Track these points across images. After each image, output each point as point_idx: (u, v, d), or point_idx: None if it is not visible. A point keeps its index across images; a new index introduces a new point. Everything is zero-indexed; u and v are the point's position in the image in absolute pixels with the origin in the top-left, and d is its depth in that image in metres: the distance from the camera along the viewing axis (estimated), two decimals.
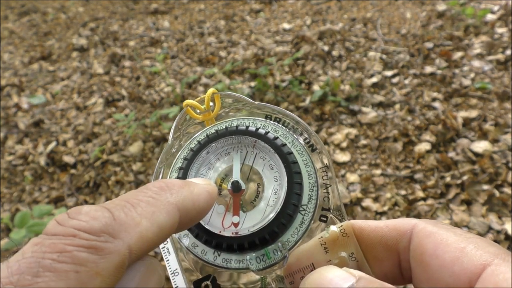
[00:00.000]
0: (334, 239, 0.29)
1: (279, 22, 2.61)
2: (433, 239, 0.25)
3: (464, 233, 0.25)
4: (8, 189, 1.70)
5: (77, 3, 3.45)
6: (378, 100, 1.72)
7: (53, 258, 0.18)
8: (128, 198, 0.22)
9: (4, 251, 1.33)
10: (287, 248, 0.30)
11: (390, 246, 0.28)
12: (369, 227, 0.29)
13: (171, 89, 2.04)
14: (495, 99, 1.62)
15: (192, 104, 0.35)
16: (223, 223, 0.31)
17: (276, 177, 0.32)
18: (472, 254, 0.23)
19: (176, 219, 0.23)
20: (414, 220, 0.27)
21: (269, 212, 0.31)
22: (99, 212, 0.20)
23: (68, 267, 0.18)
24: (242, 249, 0.30)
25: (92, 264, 0.18)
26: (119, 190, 1.57)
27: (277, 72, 1.99)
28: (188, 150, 0.34)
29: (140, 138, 1.75)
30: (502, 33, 1.98)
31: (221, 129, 0.34)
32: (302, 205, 0.31)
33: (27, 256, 0.18)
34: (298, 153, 0.32)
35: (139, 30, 2.82)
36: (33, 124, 2.01)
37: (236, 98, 0.36)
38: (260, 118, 0.35)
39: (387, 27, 2.28)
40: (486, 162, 1.35)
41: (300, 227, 0.31)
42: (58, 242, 0.18)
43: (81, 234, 0.19)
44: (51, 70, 2.50)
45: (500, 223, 1.19)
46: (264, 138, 0.33)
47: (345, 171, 1.45)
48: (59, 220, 0.20)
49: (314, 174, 0.32)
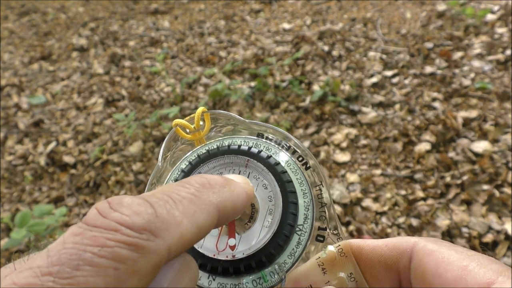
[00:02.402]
0: (332, 259, 0.29)
1: (279, 22, 2.61)
2: (434, 258, 0.25)
3: (466, 250, 0.25)
4: (8, 189, 1.70)
5: (77, 3, 3.45)
6: (378, 100, 1.72)
7: (94, 252, 0.17)
8: (170, 193, 0.21)
9: (4, 251, 1.33)
10: (284, 270, 0.29)
11: (390, 266, 0.28)
12: (367, 246, 0.29)
13: (171, 89, 2.04)
14: (495, 99, 1.62)
15: (181, 123, 0.34)
16: (217, 246, 0.30)
17: (270, 197, 0.31)
18: (475, 272, 0.23)
19: (215, 220, 0.23)
20: (414, 238, 0.27)
21: (264, 233, 0.30)
22: (142, 207, 0.20)
23: (108, 263, 0.17)
24: (238, 272, 0.29)
25: (131, 262, 0.18)
26: (119, 190, 1.57)
27: (277, 72, 1.99)
28: (179, 171, 0.33)
29: (140, 138, 1.75)
30: (502, 33, 1.98)
31: (212, 149, 0.33)
32: (298, 225, 0.30)
33: (68, 247, 0.18)
34: (292, 172, 0.32)
35: (139, 30, 2.82)
36: (33, 124, 2.01)
37: (227, 116, 0.36)
38: (252, 137, 0.34)
39: (387, 27, 2.28)
40: (486, 162, 1.35)
41: (297, 248, 0.30)
42: (100, 235, 0.18)
43: (123, 230, 0.18)
44: (51, 70, 2.50)
45: (500, 223, 1.19)
46: (257, 157, 0.32)
47: (345, 171, 1.45)
48: (100, 210, 0.19)
49: (309, 193, 0.31)
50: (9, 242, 1.29)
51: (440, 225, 1.21)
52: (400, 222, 1.25)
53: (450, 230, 1.20)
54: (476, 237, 1.17)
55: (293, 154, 0.33)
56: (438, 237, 1.18)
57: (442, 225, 1.21)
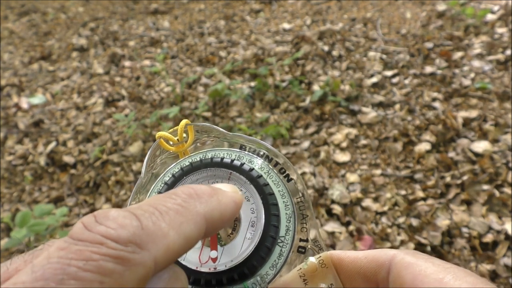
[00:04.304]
0: (313, 271, 0.29)
1: (279, 22, 2.61)
2: (412, 270, 0.25)
3: (443, 263, 0.25)
4: (8, 189, 1.70)
5: (77, 3, 3.45)
6: (378, 100, 1.72)
7: (79, 266, 0.17)
8: (156, 205, 0.21)
9: (4, 251, 1.33)
10: (266, 281, 0.29)
11: (368, 278, 0.28)
12: (348, 258, 0.29)
13: (171, 89, 2.04)
14: (495, 99, 1.62)
15: (165, 136, 0.35)
16: (200, 258, 0.30)
17: (252, 209, 0.31)
18: (451, 284, 0.23)
19: (203, 230, 0.22)
20: (392, 251, 0.27)
21: (247, 245, 0.30)
22: (127, 219, 0.20)
23: (93, 277, 0.17)
24: (221, 284, 0.29)
25: (117, 275, 0.18)
26: (119, 190, 1.57)
27: (277, 72, 1.99)
28: (162, 184, 0.33)
29: (140, 138, 1.75)
30: (502, 33, 1.98)
31: (195, 161, 0.33)
32: (280, 237, 0.30)
33: (52, 262, 0.17)
34: (274, 184, 0.32)
35: (139, 30, 2.82)
36: (33, 124, 2.01)
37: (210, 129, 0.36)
38: (235, 149, 0.34)
39: (387, 27, 2.28)
40: (486, 162, 1.35)
41: (279, 259, 0.30)
42: (85, 249, 0.18)
43: (108, 243, 0.18)
44: (51, 70, 2.51)
45: (500, 223, 1.19)
46: (239, 170, 0.32)
47: (345, 171, 1.45)
48: (86, 224, 0.19)
49: (291, 205, 0.32)
50: (9, 242, 1.29)
51: (440, 225, 1.21)
52: (400, 222, 1.25)
53: (450, 230, 1.20)
54: (476, 237, 1.17)
55: (275, 167, 0.33)
56: (438, 237, 1.18)
57: (442, 225, 1.21)
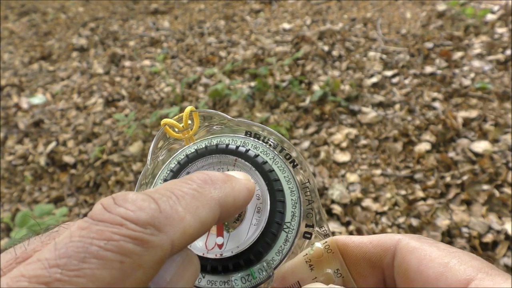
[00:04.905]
0: (319, 256, 0.29)
1: (279, 22, 2.61)
2: (417, 255, 0.25)
3: (448, 247, 0.25)
4: (8, 189, 1.70)
5: (77, 3, 3.45)
6: (378, 100, 1.72)
7: (100, 246, 0.18)
8: (173, 189, 0.22)
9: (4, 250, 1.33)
10: (272, 267, 0.30)
11: (374, 263, 0.28)
12: (353, 243, 0.29)
13: (171, 89, 2.04)
14: (495, 99, 1.62)
15: (170, 123, 0.35)
16: (206, 244, 0.31)
17: (258, 196, 0.32)
18: (456, 269, 0.23)
19: (217, 215, 0.23)
20: (397, 236, 0.27)
21: (252, 231, 0.31)
22: (146, 202, 0.20)
23: (113, 256, 0.18)
24: (227, 270, 0.29)
25: (136, 256, 0.18)
26: (119, 190, 1.57)
27: (277, 72, 1.99)
28: (168, 171, 0.33)
29: (140, 138, 1.75)
30: (502, 33, 1.98)
31: (200, 148, 0.33)
32: (285, 223, 0.31)
33: (75, 240, 0.18)
34: (280, 170, 0.32)
35: (139, 30, 2.82)
36: (33, 124, 2.01)
37: (214, 115, 0.36)
38: (240, 135, 0.34)
39: (387, 27, 2.28)
40: (486, 162, 1.35)
41: (285, 245, 0.30)
42: (105, 229, 0.18)
43: (128, 224, 0.19)
44: (51, 70, 2.51)
45: (500, 223, 1.19)
46: (244, 156, 0.32)
47: (345, 171, 1.45)
48: (105, 206, 0.20)
49: (296, 191, 0.32)
50: (9, 241, 1.29)
51: (440, 225, 1.21)
52: (400, 222, 1.25)
53: (450, 230, 1.20)
54: (476, 237, 1.17)
55: (280, 152, 0.33)
56: (438, 237, 1.18)
57: (442, 225, 1.21)
